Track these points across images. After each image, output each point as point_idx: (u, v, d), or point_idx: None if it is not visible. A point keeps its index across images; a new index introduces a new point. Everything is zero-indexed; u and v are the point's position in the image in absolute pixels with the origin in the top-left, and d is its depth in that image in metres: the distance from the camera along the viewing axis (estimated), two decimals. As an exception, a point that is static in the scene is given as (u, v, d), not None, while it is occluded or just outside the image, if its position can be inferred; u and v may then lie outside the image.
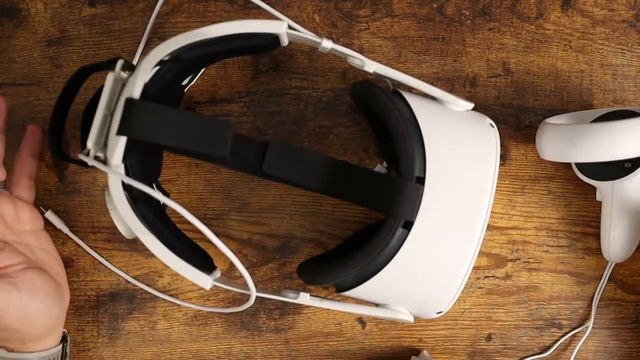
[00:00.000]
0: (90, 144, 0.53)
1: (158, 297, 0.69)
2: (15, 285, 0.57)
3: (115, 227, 0.57)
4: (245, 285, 0.57)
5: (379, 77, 0.62)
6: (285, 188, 0.69)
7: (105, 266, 0.69)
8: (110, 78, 0.53)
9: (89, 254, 0.69)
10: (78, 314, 0.69)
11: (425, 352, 0.69)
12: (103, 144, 0.53)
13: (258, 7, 0.66)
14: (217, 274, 0.59)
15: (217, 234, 0.66)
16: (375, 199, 0.56)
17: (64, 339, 0.65)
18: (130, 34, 0.69)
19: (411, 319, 0.60)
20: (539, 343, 0.70)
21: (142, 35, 0.68)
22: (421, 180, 0.54)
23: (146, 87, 0.52)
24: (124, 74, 0.55)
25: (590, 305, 0.70)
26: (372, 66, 0.58)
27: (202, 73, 0.68)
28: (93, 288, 0.69)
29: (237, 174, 0.69)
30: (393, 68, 0.59)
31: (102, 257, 0.69)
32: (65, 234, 0.68)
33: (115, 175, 0.52)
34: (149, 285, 0.69)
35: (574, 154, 0.61)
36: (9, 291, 0.57)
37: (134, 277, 0.69)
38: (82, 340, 0.70)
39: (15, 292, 0.57)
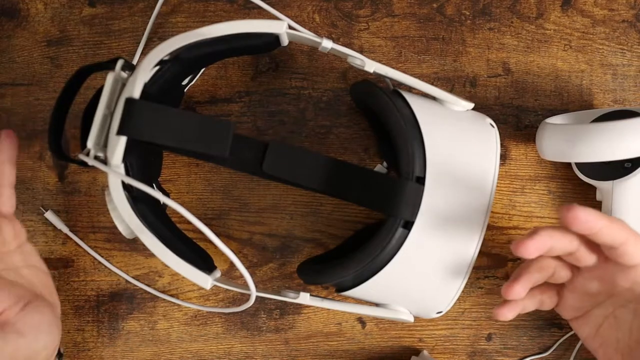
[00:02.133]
0: (90, 143, 0.53)
1: (158, 297, 0.69)
2: (19, 332, 0.54)
3: (115, 227, 0.57)
4: (245, 285, 0.57)
5: (379, 77, 0.62)
6: (285, 188, 0.69)
7: (105, 266, 0.69)
8: (110, 78, 0.53)
9: (89, 254, 0.69)
10: (78, 314, 0.69)
11: (425, 352, 0.69)
12: (103, 144, 0.53)
13: (258, 7, 0.66)
14: (217, 273, 0.59)
15: (217, 234, 0.66)
16: (375, 199, 0.56)
17: (59, 354, 0.62)
18: (130, 34, 0.69)
19: (411, 319, 0.60)
20: (539, 343, 0.70)
21: (142, 36, 0.68)
22: (421, 180, 0.54)
23: (146, 87, 0.52)
24: (124, 74, 0.55)
25: (590, 305, 0.70)
26: (372, 66, 0.58)
27: (202, 73, 0.68)
28: (93, 288, 0.69)
29: (237, 174, 0.69)
30: (393, 68, 0.59)
31: (102, 257, 0.69)
32: (65, 234, 0.68)
33: (115, 175, 0.52)
34: (148, 286, 0.69)
35: (574, 154, 0.61)
36: (15, 341, 0.54)
37: (134, 277, 0.69)
38: (82, 340, 0.70)
39: (21, 339, 0.54)
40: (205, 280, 0.55)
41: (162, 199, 0.50)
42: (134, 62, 0.68)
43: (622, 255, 0.53)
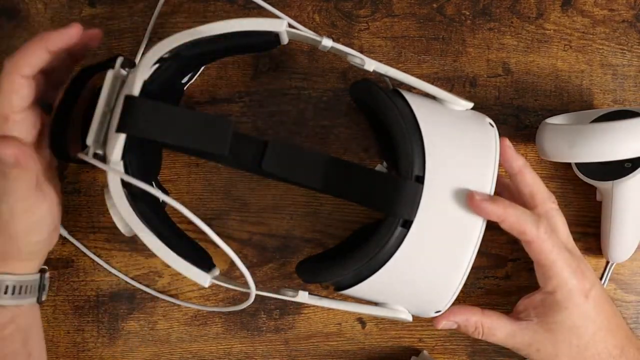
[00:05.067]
0: (89, 141, 0.53)
1: (158, 297, 0.69)
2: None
3: (115, 227, 0.56)
4: (244, 284, 0.57)
5: (379, 77, 0.62)
6: (286, 188, 0.69)
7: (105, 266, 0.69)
8: (110, 75, 0.53)
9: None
10: (78, 314, 0.69)
11: (425, 352, 0.69)
12: (102, 142, 0.53)
13: (258, 7, 0.66)
14: (216, 272, 0.59)
15: (217, 234, 0.66)
16: (374, 198, 0.56)
17: (43, 271, 0.63)
18: (130, 34, 0.69)
19: (409, 318, 0.60)
20: (539, 343, 0.70)
21: (142, 36, 0.69)
22: (420, 179, 0.54)
23: (146, 84, 0.52)
24: (124, 72, 0.55)
25: (590, 306, 0.70)
26: (372, 65, 0.58)
27: (201, 71, 0.68)
28: (93, 288, 0.69)
29: (237, 173, 0.69)
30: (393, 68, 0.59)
31: (102, 257, 0.69)
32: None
33: (114, 173, 0.52)
34: (148, 286, 0.69)
35: (574, 154, 0.61)
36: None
37: (134, 277, 0.69)
38: (82, 340, 0.70)
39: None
40: (204, 279, 0.55)
41: (161, 196, 0.50)
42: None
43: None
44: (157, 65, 0.55)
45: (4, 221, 0.55)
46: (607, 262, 0.70)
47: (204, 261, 0.60)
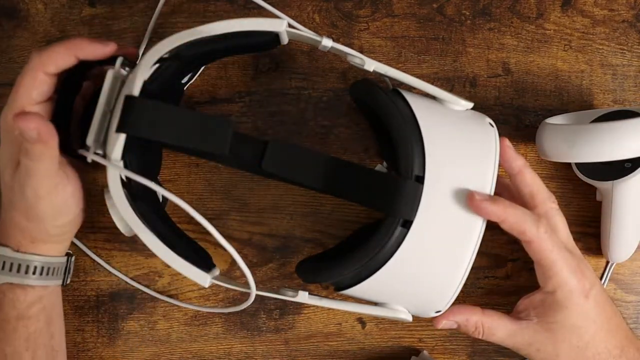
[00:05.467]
0: (89, 140, 0.53)
1: (158, 297, 0.69)
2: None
3: (115, 227, 0.56)
4: (244, 284, 0.57)
5: (379, 77, 0.62)
6: (286, 188, 0.69)
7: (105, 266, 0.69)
8: (110, 75, 0.53)
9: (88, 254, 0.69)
10: (78, 314, 0.69)
11: (425, 352, 0.69)
12: (102, 142, 0.54)
13: (258, 7, 0.66)
14: (216, 272, 0.59)
15: (217, 234, 0.66)
16: (374, 198, 0.56)
17: (68, 255, 0.65)
18: (130, 34, 0.69)
19: (409, 318, 0.60)
20: (540, 343, 0.70)
21: (141, 36, 0.69)
22: (420, 179, 0.54)
23: (146, 84, 0.52)
24: (124, 71, 0.55)
25: (590, 306, 0.70)
26: (372, 65, 0.58)
27: (201, 71, 0.68)
28: (93, 288, 0.69)
29: (237, 174, 0.69)
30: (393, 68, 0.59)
31: (102, 257, 0.69)
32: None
33: (115, 169, 0.52)
34: (148, 286, 0.69)
35: (574, 154, 0.61)
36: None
37: (134, 277, 0.69)
38: (82, 340, 0.70)
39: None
40: (204, 279, 0.55)
41: (164, 192, 0.50)
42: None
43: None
44: (157, 65, 0.55)
45: (30, 205, 0.56)
46: (607, 262, 0.70)
47: (204, 261, 0.60)
